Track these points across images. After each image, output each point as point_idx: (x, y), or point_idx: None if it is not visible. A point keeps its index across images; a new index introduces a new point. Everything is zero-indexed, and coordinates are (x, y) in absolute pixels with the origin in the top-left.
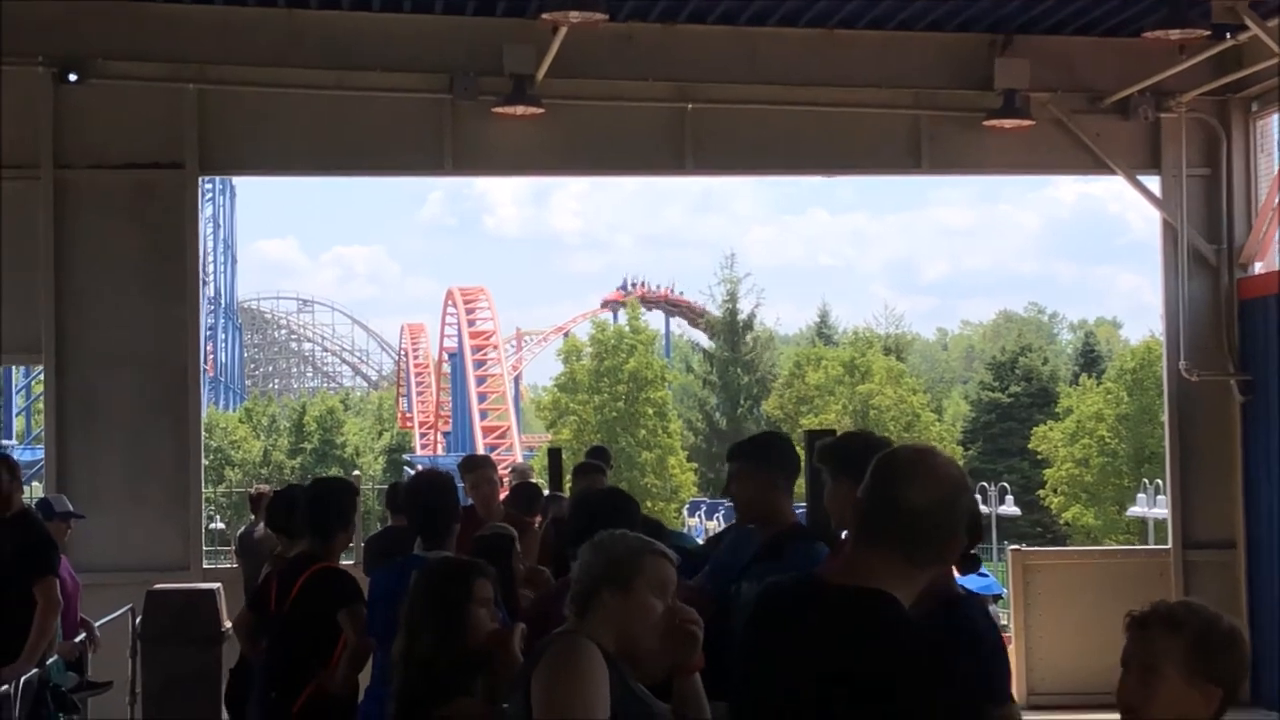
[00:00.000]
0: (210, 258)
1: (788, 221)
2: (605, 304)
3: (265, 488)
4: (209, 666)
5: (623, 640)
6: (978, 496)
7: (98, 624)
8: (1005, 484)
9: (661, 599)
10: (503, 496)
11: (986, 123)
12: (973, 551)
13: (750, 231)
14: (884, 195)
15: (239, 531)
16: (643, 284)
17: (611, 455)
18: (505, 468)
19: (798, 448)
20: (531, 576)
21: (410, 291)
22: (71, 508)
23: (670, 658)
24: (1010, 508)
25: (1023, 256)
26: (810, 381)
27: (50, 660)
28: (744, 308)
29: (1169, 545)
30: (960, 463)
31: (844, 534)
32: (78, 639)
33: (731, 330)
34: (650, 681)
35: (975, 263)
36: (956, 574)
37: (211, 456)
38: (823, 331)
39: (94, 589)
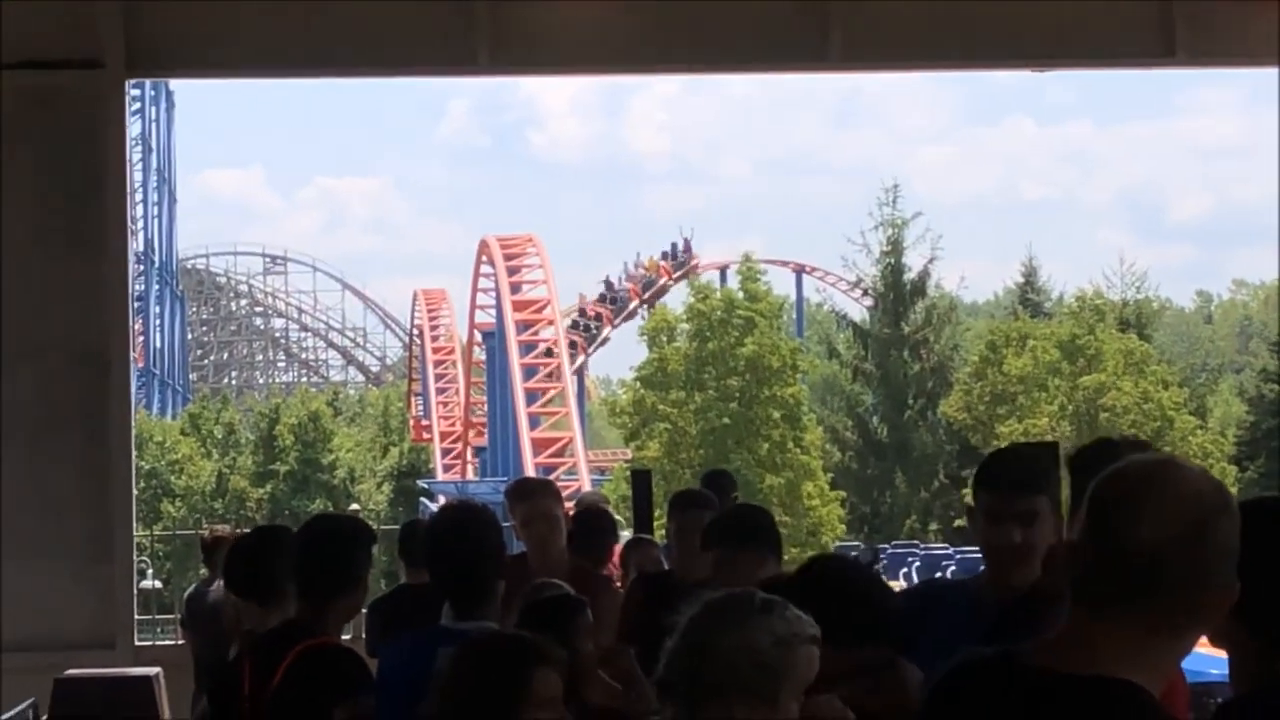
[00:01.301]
0: (139, 196)
1: (976, 137)
2: (679, 267)
3: (225, 529)
4: None
5: None
6: None
7: None
8: None
9: (800, 698)
10: None
11: None
12: None
13: (919, 152)
14: (1117, 97)
15: (186, 592)
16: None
17: (736, 483)
18: (567, 499)
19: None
20: (610, 658)
21: (426, 242)
22: None
23: None
24: None
25: None
26: (1011, 370)
27: None
28: (912, 263)
29: None
30: (1232, 488)
31: None
32: None
33: (895, 297)
34: None
35: (1250, 195)
36: None
37: (143, 483)
38: (1029, 298)
39: None
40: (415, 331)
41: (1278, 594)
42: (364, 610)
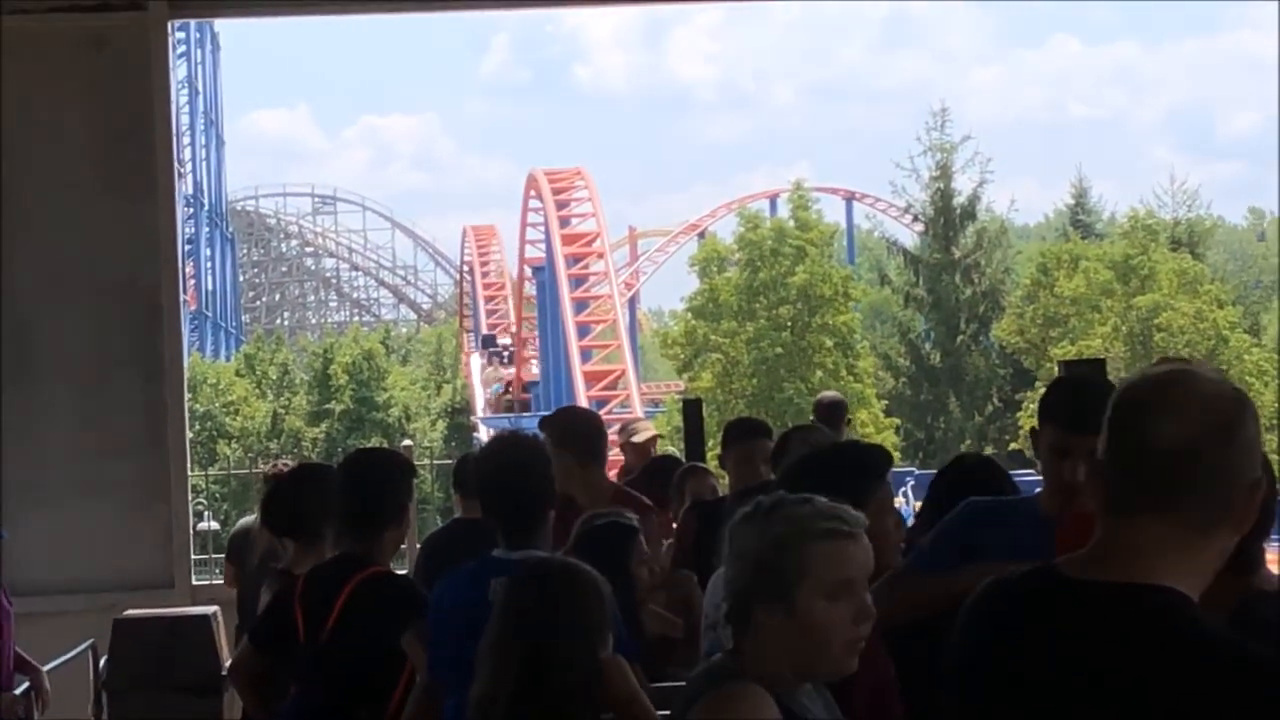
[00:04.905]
0: (187, 138)
1: (1022, 58)
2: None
3: (290, 464)
4: None
5: (798, 666)
6: None
7: (46, 668)
8: None
9: (845, 599)
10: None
11: None
12: None
13: (967, 75)
14: (1162, 15)
15: (237, 526)
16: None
17: (846, 410)
18: (615, 431)
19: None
20: (672, 584)
21: (474, 178)
22: None
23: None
24: None
25: None
26: (1064, 292)
27: None
28: (962, 187)
29: None
30: None
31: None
32: (18, 690)
33: (945, 221)
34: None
35: None
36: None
37: (199, 426)
38: (1080, 219)
39: (37, 619)
40: (465, 269)
41: None
42: (417, 545)
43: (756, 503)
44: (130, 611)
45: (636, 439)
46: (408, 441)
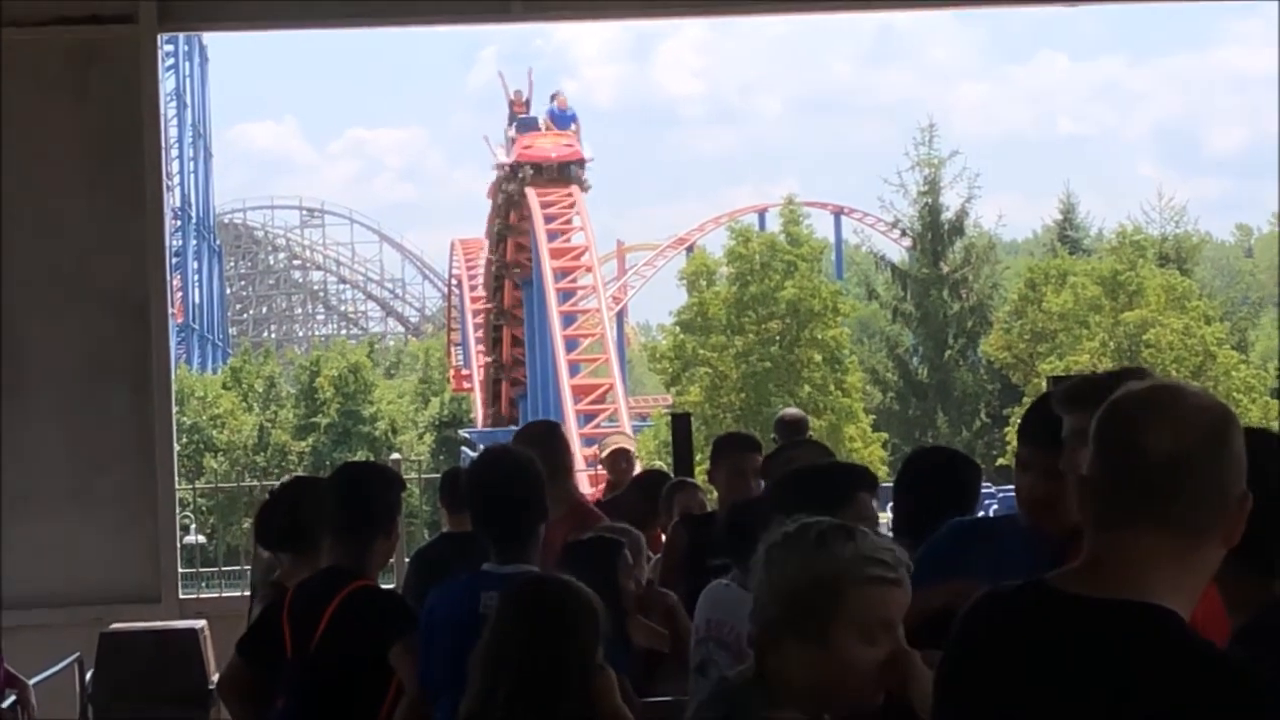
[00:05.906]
0: (175, 151)
1: (1009, 74)
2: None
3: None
4: None
5: (823, 695)
6: None
7: (32, 681)
8: None
9: (883, 640)
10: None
11: None
12: None
13: (954, 90)
14: (1150, 31)
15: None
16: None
17: (808, 427)
18: (598, 446)
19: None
20: (654, 601)
21: (461, 191)
22: None
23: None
24: None
25: None
26: (1051, 308)
27: None
28: (950, 203)
29: None
30: (1276, 423)
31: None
32: (4, 703)
33: (933, 237)
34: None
35: None
36: None
37: (185, 439)
38: (1067, 235)
39: (25, 632)
40: (454, 282)
41: (1265, 523)
42: (406, 559)
43: (802, 526)
44: (117, 625)
45: (602, 456)
46: (395, 455)
